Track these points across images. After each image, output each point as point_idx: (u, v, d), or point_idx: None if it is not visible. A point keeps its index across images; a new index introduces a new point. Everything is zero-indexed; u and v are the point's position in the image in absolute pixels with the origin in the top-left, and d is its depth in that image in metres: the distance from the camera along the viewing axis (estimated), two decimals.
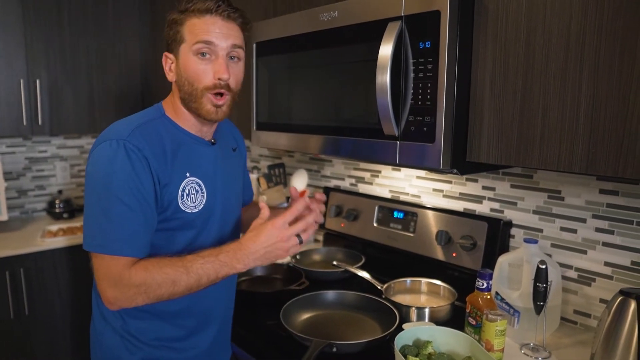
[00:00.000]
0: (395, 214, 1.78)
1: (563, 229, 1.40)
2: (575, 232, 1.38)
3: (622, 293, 1.06)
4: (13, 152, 2.77)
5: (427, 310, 1.37)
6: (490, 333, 1.12)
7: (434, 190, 1.73)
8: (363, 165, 1.99)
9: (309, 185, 2.20)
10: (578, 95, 0.97)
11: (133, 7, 2.74)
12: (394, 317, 1.31)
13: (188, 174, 1.10)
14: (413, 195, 1.81)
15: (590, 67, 0.95)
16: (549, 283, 1.18)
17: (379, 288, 1.52)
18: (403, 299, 1.49)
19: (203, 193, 1.13)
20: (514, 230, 1.51)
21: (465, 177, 1.64)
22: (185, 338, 1.17)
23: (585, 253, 1.36)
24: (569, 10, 0.97)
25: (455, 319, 1.36)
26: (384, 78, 1.16)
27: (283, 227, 1.04)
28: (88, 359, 1.24)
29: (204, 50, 1.05)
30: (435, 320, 1.35)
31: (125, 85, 2.77)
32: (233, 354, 1.37)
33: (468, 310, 1.21)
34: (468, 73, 1.14)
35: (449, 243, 1.59)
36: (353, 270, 1.68)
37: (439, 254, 1.61)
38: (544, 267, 1.17)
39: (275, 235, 1.04)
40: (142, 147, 1.02)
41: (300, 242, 1.07)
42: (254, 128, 1.67)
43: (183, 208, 1.09)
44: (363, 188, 2.00)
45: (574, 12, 0.96)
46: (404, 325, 1.19)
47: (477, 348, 1.05)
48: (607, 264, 1.32)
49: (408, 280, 1.57)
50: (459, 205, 1.66)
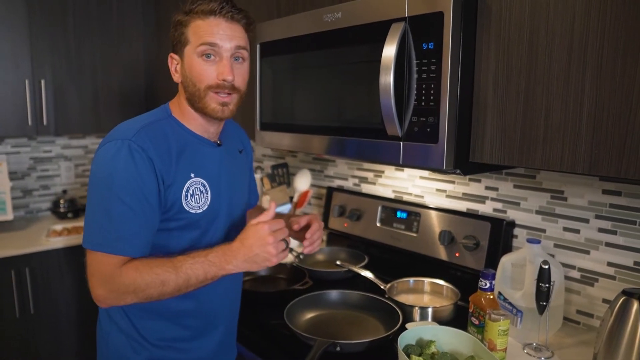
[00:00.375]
0: (399, 214, 1.78)
1: (566, 229, 1.40)
2: (578, 232, 1.38)
3: (624, 293, 1.06)
4: (18, 152, 2.79)
5: (430, 310, 1.38)
6: (493, 333, 1.12)
7: (437, 191, 1.74)
8: (366, 166, 2.00)
9: (312, 186, 2.21)
10: (581, 96, 0.98)
11: (137, 7, 2.75)
12: (397, 316, 1.32)
13: (192, 175, 1.10)
14: (416, 196, 1.81)
15: (593, 68, 0.95)
16: (552, 283, 1.18)
17: (382, 288, 1.53)
18: (406, 299, 1.50)
19: (207, 194, 1.13)
20: (517, 231, 1.51)
21: (469, 177, 1.64)
22: (191, 339, 1.18)
23: (588, 253, 1.36)
24: (572, 11, 0.97)
25: (458, 319, 1.36)
26: (388, 79, 1.16)
27: (268, 231, 1.03)
28: (92, 358, 1.25)
29: (209, 52, 1.06)
30: (438, 320, 1.35)
31: (129, 86, 2.79)
32: (238, 354, 1.37)
33: (471, 310, 1.22)
34: (471, 74, 1.15)
35: (452, 243, 1.59)
36: (356, 270, 1.69)
37: (442, 254, 1.62)
38: (547, 267, 1.17)
39: (262, 240, 1.03)
40: (146, 147, 1.02)
41: (287, 246, 1.07)
42: (258, 128, 1.68)
43: (187, 208, 1.09)
44: (366, 188, 2.01)
45: (577, 12, 0.97)
46: (407, 325, 1.19)
47: (480, 348, 1.05)
48: (610, 264, 1.32)
49: (411, 280, 1.58)
50: (462, 206, 1.66)
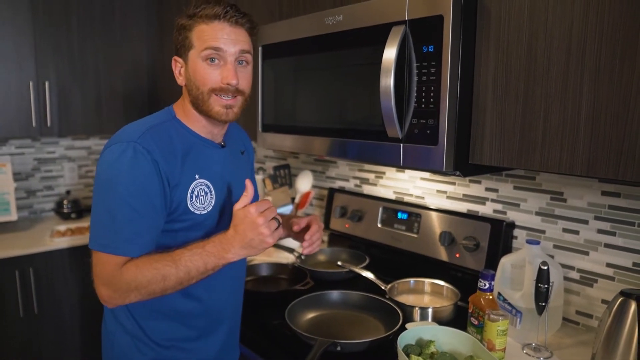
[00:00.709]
0: (400, 215, 1.79)
1: (565, 231, 1.41)
2: (578, 233, 1.39)
3: (622, 294, 1.07)
4: (22, 153, 2.81)
5: (430, 310, 1.39)
6: (492, 333, 1.13)
7: (438, 192, 1.75)
8: (367, 167, 2.01)
9: (314, 187, 2.22)
10: (579, 99, 0.99)
11: (140, 9, 2.77)
12: (398, 317, 1.33)
13: (197, 176, 1.11)
14: (417, 197, 1.82)
15: (591, 71, 0.97)
16: (551, 284, 1.19)
17: (383, 288, 1.54)
18: (406, 299, 1.51)
19: (212, 195, 1.14)
20: (517, 232, 1.52)
21: (469, 178, 1.65)
22: (197, 339, 1.19)
23: (588, 254, 1.37)
24: (571, 15, 0.98)
25: (458, 319, 1.37)
26: (388, 81, 1.18)
27: (256, 214, 1.03)
28: (96, 358, 1.26)
29: (213, 56, 1.07)
30: (439, 320, 1.36)
31: (132, 87, 2.81)
32: (240, 354, 1.38)
33: (470, 311, 1.23)
34: (471, 76, 1.16)
35: (452, 244, 1.60)
36: (357, 271, 1.70)
37: (443, 255, 1.63)
38: (546, 268, 1.18)
39: (252, 222, 1.02)
40: (152, 149, 1.03)
41: (279, 224, 1.07)
42: (260, 130, 1.70)
43: (192, 209, 1.10)
44: (367, 189, 2.02)
45: (576, 16, 0.98)
46: (407, 325, 1.20)
47: (479, 347, 1.06)
48: (608, 265, 1.33)
49: (412, 281, 1.59)
50: (463, 207, 1.67)
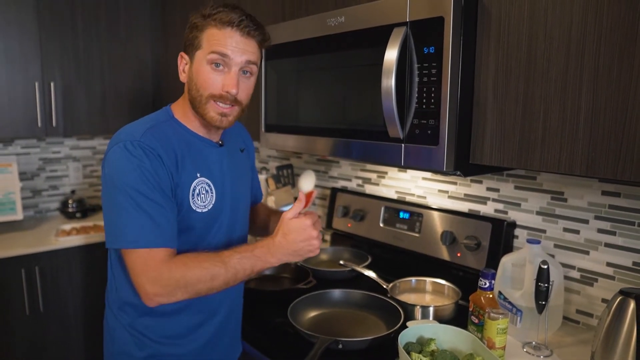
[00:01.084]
0: (401, 215, 1.81)
1: (566, 230, 1.42)
2: (578, 233, 1.40)
3: (621, 293, 1.08)
4: (28, 153, 2.84)
5: (431, 309, 1.40)
6: (492, 331, 1.14)
7: (440, 192, 1.76)
8: (370, 167, 2.02)
9: (317, 186, 2.23)
10: (578, 100, 1.00)
11: (144, 10, 2.79)
12: (399, 315, 1.34)
13: (198, 174, 1.14)
14: (419, 196, 1.83)
15: (590, 72, 0.98)
16: (551, 283, 1.20)
17: (385, 287, 1.55)
18: (408, 298, 1.52)
19: (212, 193, 1.16)
20: (518, 231, 1.53)
21: (470, 178, 1.66)
22: (190, 333, 1.21)
23: (588, 254, 1.38)
24: (570, 17, 1.00)
25: (459, 318, 1.38)
26: (389, 82, 1.19)
27: (311, 226, 1.09)
28: (100, 355, 1.28)
29: (218, 61, 1.08)
30: (440, 319, 1.37)
31: (137, 87, 2.83)
32: (243, 351, 1.40)
33: (471, 309, 1.24)
34: (471, 77, 1.17)
35: (454, 243, 1.61)
36: (359, 270, 1.71)
37: (444, 254, 1.64)
38: (546, 267, 1.19)
39: (306, 234, 1.09)
40: (155, 147, 1.06)
41: (322, 235, 1.15)
42: (263, 130, 1.71)
43: (194, 207, 1.12)
44: (370, 189, 2.03)
45: (575, 18, 0.99)
46: (408, 323, 1.21)
47: (479, 345, 1.08)
48: (609, 265, 1.34)
49: (413, 280, 1.60)
50: (464, 206, 1.68)
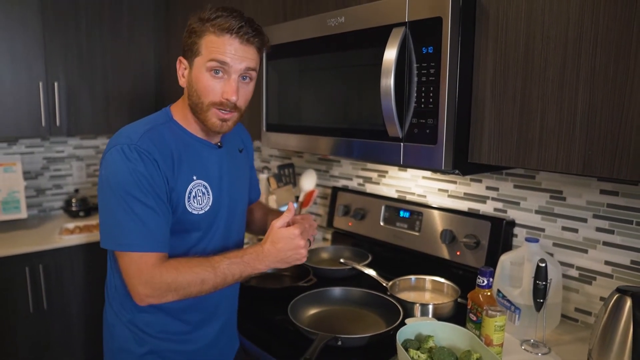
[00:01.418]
0: (402, 214, 1.82)
1: (565, 229, 1.43)
2: (577, 231, 1.40)
3: (618, 291, 1.09)
4: (32, 152, 2.86)
5: (430, 307, 1.41)
6: (490, 328, 1.15)
7: (439, 190, 1.77)
8: (370, 166, 2.03)
9: (318, 185, 2.25)
10: (575, 99, 1.01)
11: (148, 11, 2.81)
12: (398, 313, 1.35)
13: (195, 177, 1.15)
14: (419, 195, 1.84)
15: (587, 71, 0.98)
16: (549, 281, 1.21)
17: (385, 285, 1.56)
18: (408, 296, 1.53)
19: (209, 195, 1.18)
20: (517, 230, 1.54)
21: (470, 177, 1.67)
22: (192, 331, 1.23)
23: (586, 252, 1.39)
24: (567, 17, 1.00)
25: (458, 316, 1.39)
26: (388, 82, 1.20)
27: (299, 236, 1.11)
28: (101, 351, 1.30)
29: (217, 69, 1.08)
30: (439, 317, 1.38)
31: (140, 88, 2.85)
32: (241, 347, 1.42)
33: (469, 307, 1.25)
34: (470, 77, 1.18)
35: (453, 242, 1.62)
36: (360, 268, 1.73)
37: (444, 253, 1.65)
38: (544, 265, 1.20)
39: (294, 244, 1.11)
40: (151, 150, 1.07)
41: (310, 243, 1.18)
42: (264, 129, 1.72)
43: (190, 210, 1.14)
44: (370, 188, 2.04)
45: (571, 18, 1.00)
46: (407, 320, 1.23)
47: (476, 342, 1.09)
48: (607, 263, 1.35)
49: (413, 278, 1.61)
50: (464, 205, 1.69)
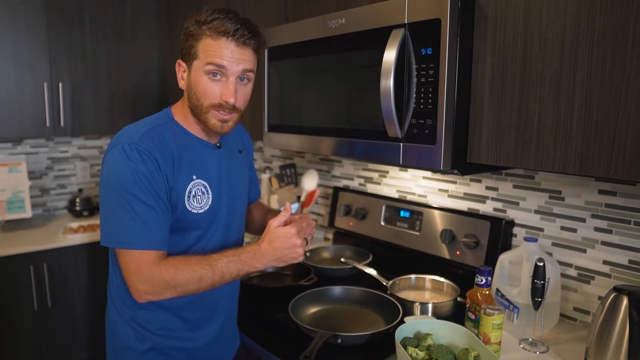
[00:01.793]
0: (402, 213, 1.83)
1: (563, 228, 1.44)
2: (575, 231, 1.41)
3: (615, 289, 1.10)
4: (36, 152, 2.89)
5: (430, 306, 1.42)
6: (488, 327, 1.16)
7: (440, 190, 1.78)
8: (371, 166, 2.05)
9: (319, 185, 2.26)
10: (572, 100, 1.02)
11: (151, 12, 2.84)
12: (398, 311, 1.36)
13: (194, 177, 1.17)
14: (419, 195, 1.86)
15: (583, 72, 1.00)
16: (547, 280, 1.22)
17: (385, 284, 1.58)
18: (408, 295, 1.54)
19: (209, 194, 1.20)
20: (516, 230, 1.55)
21: (470, 177, 1.68)
22: (192, 329, 1.24)
23: (585, 252, 1.40)
24: (563, 19, 1.02)
25: (457, 315, 1.40)
26: (388, 83, 1.21)
27: (295, 235, 1.13)
28: (104, 348, 1.32)
29: (215, 71, 1.10)
30: (438, 316, 1.39)
31: (143, 88, 2.87)
32: (242, 344, 1.43)
33: (468, 305, 1.26)
34: (468, 78, 1.19)
35: (453, 241, 1.63)
36: (360, 267, 1.74)
37: (444, 252, 1.66)
38: (542, 264, 1.21)
39: (290, 243, 1.13)
40: (152, 150, 1.09)
41: (307, 243, 1.19)
42: (266, 130, 1.74)
43: (190, 209, 1.16)
44: (371, 188, 2.05)
45: (568, 20, 1.01)
46: (406, 319, 1.24)
47: (474, 341, 1.10)
48: (605, 263, 1.36)
49: (413, 277, 1.62)
50: (464, 205, 1.70)
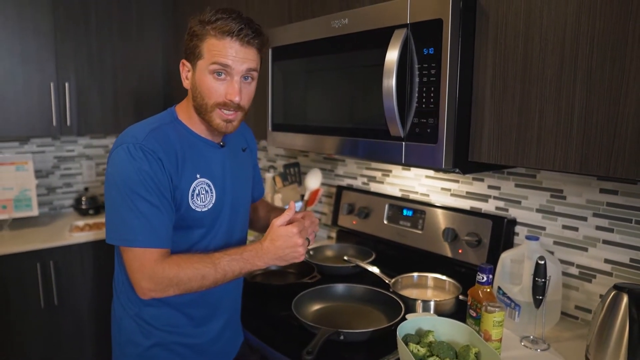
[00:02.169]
0: (405, 212, 1.84)
1: (565, 227, 1.45)
2: (577, 230, 1.42)
3: (615, 288, 1.11)
4: (43, 151, 2.92)
5: (432, 304, 1.43)
6: (489, 324, 1.17)
7: (442, 189, 1.79)
8: (374, 165, 2.06)
9: (323, 184, 2.28)
10: (572, 99, 1.03)
11: (156, 12, 2.86)
12: (400, 309, 1.38)
13: (198, 175, 1.18)
14: (422, 194, 1.87)
15: (584, 72, 1.00)
16: (548, 278, 1.23)
17: (387, 282, 1.59)
18: (410, 293, 1.55)
19: (212, 193, 1.21)
20: (518, 228, 1.56)
21: (472, 176, 1.69)
22: (196, 326, 1.26)
23: (586, 250, 1.41)
24: (564, 19, 1.02)
25: (459, 312, 1.41)
26: (390, 82, 1.23)
27: (297, 235, 1.14)
28: (110, 345, 1.34)
29: (220, 71, 1.12)
30: (440, 313, 1.40)
31: (148, 87, 2.89)
32: (245, 341, 1.45)
33: (469, 303, 1.27)
34: (470, 78, 1.20)
35: (456, 240, 1.64)
36: (363, 266, 1.75)
37: (446, 251, 1.67)
38: (543, 262, 1.22)
39: (292, 242, 1.14)
40: (156, 149, 1.11)
41: (309, 242, 1.21)
42: (270, 129, 1.76)
43: (193, 207, 1.17)
44: (374, 187, 2.07)
45: (569, 21, 1.02)
46: (408, 316, 1.25)
47: (475, 338, 1.11)
48: (607, 261, 1.36)
49: (415, 275, 1.63)
50: (466, 204, 1.71)
